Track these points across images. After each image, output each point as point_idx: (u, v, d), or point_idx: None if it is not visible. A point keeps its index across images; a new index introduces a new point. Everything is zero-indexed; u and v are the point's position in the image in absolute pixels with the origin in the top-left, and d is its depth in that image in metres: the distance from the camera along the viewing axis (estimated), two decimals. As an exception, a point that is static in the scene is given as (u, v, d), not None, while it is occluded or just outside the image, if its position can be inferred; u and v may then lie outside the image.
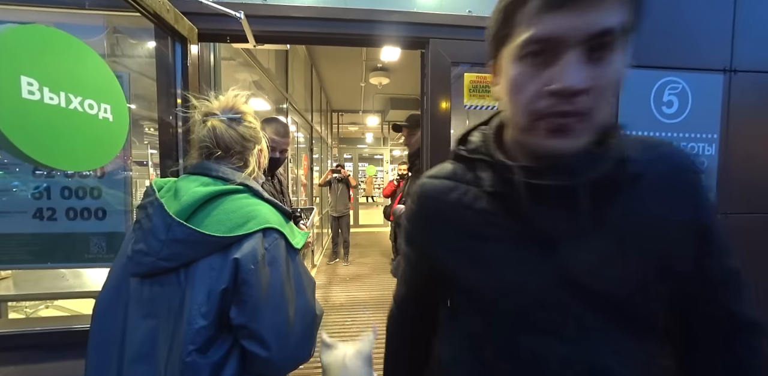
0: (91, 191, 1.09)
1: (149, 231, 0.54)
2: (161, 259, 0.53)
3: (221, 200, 0.58)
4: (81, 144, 0.70)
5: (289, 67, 2.57)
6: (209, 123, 0.63)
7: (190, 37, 0.95)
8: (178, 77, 0.95)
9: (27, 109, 0.59)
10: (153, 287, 0.55)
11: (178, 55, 0.94)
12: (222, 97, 0.67)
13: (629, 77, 1.01)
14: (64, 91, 0.65)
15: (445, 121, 1.09)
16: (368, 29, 1.05)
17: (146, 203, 0.57)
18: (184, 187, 0.58)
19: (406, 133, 1.55)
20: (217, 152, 0.63)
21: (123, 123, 0.79)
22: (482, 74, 1.09)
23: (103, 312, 0.58)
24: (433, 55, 1.06)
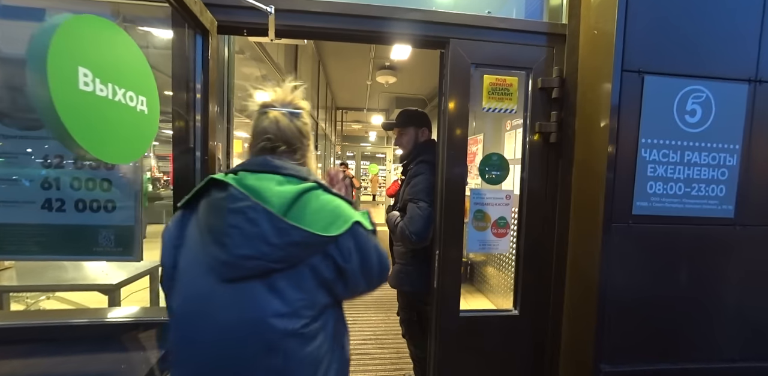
0: (101, 183, 1.07)
1: (256, 236, 0.54)
2: (272, 261, 0.55)
3: (303, 200, 0.58)
4: (123, 136, 0.68)
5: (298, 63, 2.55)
6: (271, 115, 0.63)
7: (212, 29, 0.94)
8: (198, 71, 0.93)
9: (83, 100, 0.57)
10: (248, 289, 0.55)
11: (199, 47, 0.92)
12: (279, 89, 0.66)
13: (654, 84, 0.97)
14: (111, 83, 0.64)
15: (462, 122, 1.07)
16: (389, 27, 1.04)
17: (242, 207, 0.55)
18: (262, 187, 0.57)
19: (397, 133, 1.40)
20: (280, 146, 0.64)
21: (155, 116, 0.78)
22: (502, 76, 1.07)
23: (191, 319, 0.57)
24: (453, 55, 1.04)
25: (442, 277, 1.12)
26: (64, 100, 0.55)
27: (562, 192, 1.12)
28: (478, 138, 3.49)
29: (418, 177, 1.23)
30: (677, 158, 1.02)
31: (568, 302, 1.12)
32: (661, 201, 1.03)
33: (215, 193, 0.58)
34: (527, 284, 1.17)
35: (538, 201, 1.14)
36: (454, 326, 1.12)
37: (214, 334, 0.55)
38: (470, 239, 1.14)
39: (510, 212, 1.16)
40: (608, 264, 0.98)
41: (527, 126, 1.12)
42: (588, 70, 1.03)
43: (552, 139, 1.10)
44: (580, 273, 1.07)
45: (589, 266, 1.02)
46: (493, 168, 1.14)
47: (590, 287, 1.01)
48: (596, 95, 1.00)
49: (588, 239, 1.03)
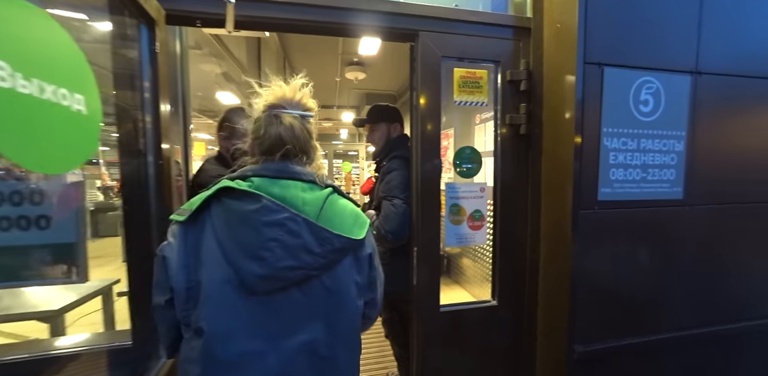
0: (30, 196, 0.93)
1: (299, 247, 0.55)
2: (313, 269, 0.56)
3: (326, 204, 0.60)
4: (56, 141, 0.58)
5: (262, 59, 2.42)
6: (287, 121, 0.60)
7: (159, 19, 0.84)
8: (144, 66, 0.83)
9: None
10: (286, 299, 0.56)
11: (145, 39, 0.83)
12: (286, 87, 0.63)
13: (613, 76, 1.02)
14: (37, 78, 0.54)
15: (435, 116, 1.07)
16: (357, 19, 1.00)
17: (281, 220, 0.54)
18: (292, 196, 0.58)
19: (368, 129, 1.37)
20: (300, 156, 0.62)
21: (97, 117, 0.68)
22: (472, 69, 1.08)
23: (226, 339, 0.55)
24: (423, 48, 1.02)
25: (420, 274, 1.11)
26: None
27: (533, 182, 1.15)
28: (449, 132, 3.55)
29: (392, 173, 1.21)
30: (634, 146, 1.09)
31: (543, 289, 1.16)
32: (622, 187, 1.09)
33: (235, 204, 0.55)
34: (504, 275, 1.19)
35: (511, 192, 1.16)
36: (435, 322, 1.12)
37: (260, 346, 0.55)
38: (447, 233, 1.15)
39: (485, 204, 1.18)
40: (578, 250, 1.03)
41: (498, 118, 1.13)
42: (553, 62, 1.06)
43: (522, 131, 1.12)
44: (553, 260, 1.11)
45: (561, 253, 1.07)
46: (466, 161, 1.15)
47: (563, 273, 1.06)
48: (561, 87, 1.03)
49: (559, 227, 1.08)
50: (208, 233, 0.56)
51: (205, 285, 0.54)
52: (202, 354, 0.54)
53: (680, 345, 1.17)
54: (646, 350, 1.14)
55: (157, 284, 0.57)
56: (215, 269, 0.54)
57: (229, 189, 0.55)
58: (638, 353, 1.14)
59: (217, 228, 0.56)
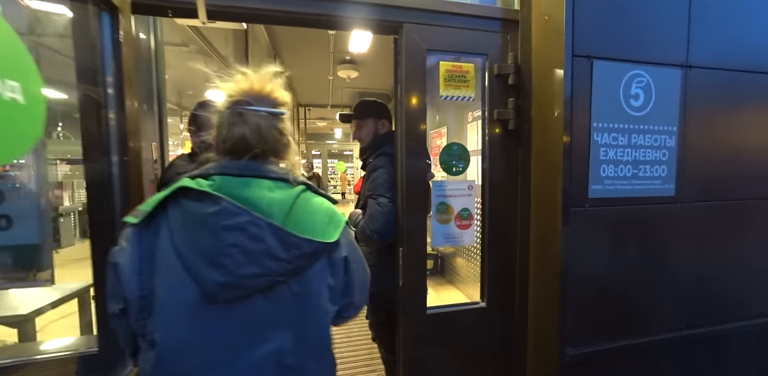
0: (-9, 192, 0.88)
1: (262, 253, 0.50)
2: (280, 276, 0.52)
3: (297, 204, 0.55)
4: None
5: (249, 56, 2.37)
6: (252, 121, 0.54)
7: (123, 7, 0.79)
8: (107, 57, 0.78)
9: None
10: (258, 306, 0.52)
11: (106, 28, 0.78)
12: (253, 77, 0.55)
13: (602, 69, 0.99)
14: None
15: (420, 111, 1.03)
16: (337, 9, 0.95)
17: (241, 224, 0.49)
18: (257, 196, 0.52)
19: (355, 125, 1.30)
20: (269, 157, 0.57)
21: (38, 107, 0.62)
22: (459, 63, 1.04)
23: (180, 352, 0.50)
24: (407, 41, 0.99)
25: (407, 275, 1.07)
26: None
27: (522, 180, 1.12)
28: (442, 131, 3.53)
29: (378, 171, 1.17)
30: (625, 141, 1.06)
31: (533, 290, 1.13)
32: (613, 183, 1.06)
33: (193, 206, 0.50)
34: (493, 276, 1.16)
35: (500, 190, 1.13)
36: (422, 325, 1.09)
37: (221, 359, 0.50)
38: (434, 232, 1.11)
39: (473, 202, 1.14)
40: (568, 249, 1.00)
41: (486, 114, 1.10)
42: (541, 55, 1.03)
43: (511, 127, 1.09)
44: (543, 261, 1.08)
45: (551, 253, 1.03)
46: (454, 158, 1.11)
47: (553, 273, 1.02)
48: (550, 81, 1.00)
49: (549, 225, 1.04)
50: (164, 236, 0.51)
51: (160, 294, 0.50)
52: (155, 368, 0.49)
53: (672, 346, 1.14)
54: (638, 352, 1.11)
55: (110, 292, 0.52)
56: (171, 277, 0.50)
57: (187, 189, 0.50)
58: (630, 355, 1.11)
59: (174, 232, 0.51)
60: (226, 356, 0.51)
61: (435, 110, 3.69)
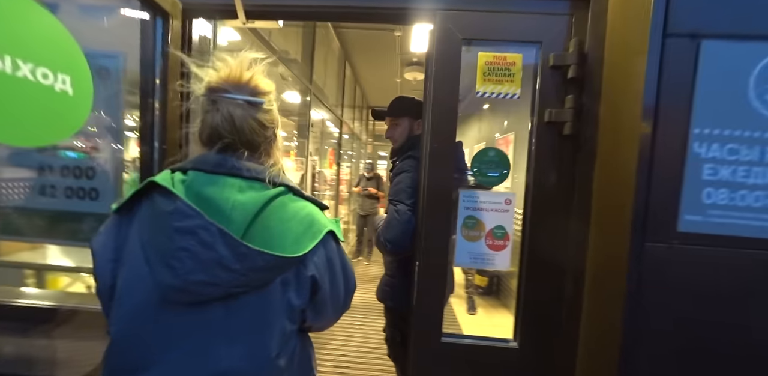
0: (86, 171, 1.09)
1: (212, 261, 0.46)
2: (233, 287, 0.48)
3: (270, 208, 0.51)
4: (31, 117, 0.63)
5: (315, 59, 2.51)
6: (225, 109, 0.51)
7: (173, 12, 0.88)
8: (157, 55, 0.88)
9: None
10: (211, 314, 0.48)
11: (159, 32, 0.88)
12: (231, 63, 0.52)
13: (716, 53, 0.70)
14: (12, 56, 0.58)
15: (451, 110, 0.90)
16: (367, 1, 0.90)
17: (192, 227, 0.46)
18: (221, 198, 0.49)
19: (389, 123, 1.20)
20: (242, 150, 0.53)
21: (85, 97, 0.73)
22: (501, 54, 0.87)
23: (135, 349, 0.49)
24: (440, 30, 0.87)
25: (421, 293, 0.95)
26: None
27: (580, 197, 0.88)
28: (510, 137, 3.17)
29: (401, 175, 1.07)
30: (754, 156, 0.73)
31: (585, 337, 0.88)
32: (726, 215, 0.75)
33: (160, 201, 0.49)
34: (532, 311, 0.94)
35: (547, 208, 0.91)
36: (433, 353, 0.95)
37: (164, 368, 0.48)
38: (459, 249, 0.96)
39: (511, 220, 0.95)
40: (637, 298, 0.73)
41: (535, 114, 0.90)
42: (618, 39, 0.79)
43: (567, 131, 0.87)
44: (601, 305, 0.83)
45: (612, 296, 0.78)
46: (488, 166, 0.94)
47: (612, 326, 0.77)
48: (628, 72, 0.76)
49: (612, 260, 0.79)
50: (135, 228, 0.51)
51: (120, 285, 0.50)
52: (106, 359, 0.50)
53: None
54: None
55: (95, 278, 0.54)
56: (133, 269, 0.49)
57: (156, 184, 0.49)
58: None
59: (143, 225, 0.50)
60: (169, 359, 0.48)
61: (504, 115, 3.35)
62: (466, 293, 3.04)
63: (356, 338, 2.50)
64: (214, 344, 0.48)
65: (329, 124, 4.33)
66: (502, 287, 3.31)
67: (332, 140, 4.58)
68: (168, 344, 0.48)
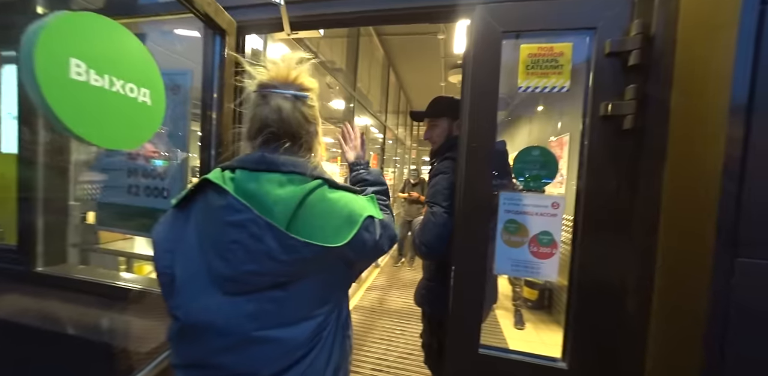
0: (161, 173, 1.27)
1: (261, 252, 0.50)
2: (280, 276, 0.52)
3: (309, 202, 0.54)
4: (121, 124, 0.75)
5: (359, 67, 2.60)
6: (274, 102, 0.56)
7: (229, 30, 0.99)
8: (215, 71, 0.99)
9: (74, 89, 0.62)
10: (264, 302, 0.53)
11: (217, 47, 0.99)
12: (281, 64, 0.58)
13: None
14: (108, 75, 0.70)
15: (491, 107, 0.85)
16: (405, 2, 0.91)
17: (243, 221, 0.50)
18: (263, 192, 0.53)
19: (428, 125, 1.19)
20: (284, 140, 0.57)
21: (159, 108, 0.85)
22: (546, 44, 0.81)
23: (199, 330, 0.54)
24: (478, 25, 0.83)
25: (457, 299, 0.90)
26: (54, 88, 0.60)
27: (645, 201, 0.77)
28: (565, 139, 2.90)
29: (438, 177, 1.03)
30: None
31: (654, 361, 0.75)
32: None
33: (213, 197, 0.53)
34: (584, 329, 0.84)
35: (603, 213, 0.81)
36: (469, 365, 0.89)
37: (224, 344, 0.53)
38: (498, 256, 0.89)
39: (559, 225, 0.86)
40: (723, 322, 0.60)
41: (588, 109, 0.81)
42: (696, 13, 0.68)
43: (627, 125, 0.76)
44: (674, 325, 0.70)
45: (688, 320, 0.65)
46: (532, 166, 0.87)
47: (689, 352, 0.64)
48: (710, 52, 0.64)
49: (688, 276, 0.67)
50: (192, 222, 0.56)
51: (179, 275, 0.55)
52: (179, 336, 0.56)
53: None
54: None
55: (155, 267, 0.60)
56: (190, 259, 0.54)
57: (210, 181, 0.54)
58: None
59: (198, 220, 0.55)
60: (225, 341, 0.52)
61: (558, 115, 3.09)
62: (513, 305, 2.82)
63: (397, 344, 2.47)
64: (267, 325, 0.53)
65: (373, 130, 4.42)
66: (554, 301, 3.00)
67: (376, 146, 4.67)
68: (223, 326, 0.52)
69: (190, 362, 0.56)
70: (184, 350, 0.56)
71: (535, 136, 3.74)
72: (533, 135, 3.81)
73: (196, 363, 0.55)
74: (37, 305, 1.33)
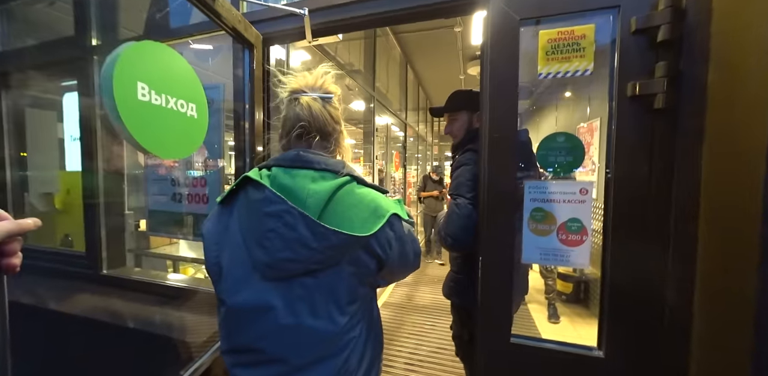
0: (201, 181, 1.39)
1: (295, 240, 0.55)
2: (313, 263, 0.57)
3: (339, 195, 0.59)
4: (175, 137, 0.85)
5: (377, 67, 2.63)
6: (303, 101, 0.63)
7: (256, 43, 1.06)
8: (246, 82, 1.07)
9: (141, 108, 0.73)
10: (295, 287, 0.58)
11: (246, 60, 1.06)
12: (309, 75, 0.66)
13: None
14: (165, 93, 0.80)
15: (511, 97, 0.85)
16: (419, 0, 0.93)
17: (278, 211, 0.56)
18: (297, 186, 0.58)
19: (447, 119, 1.21)
20: (315, 136, 0.64)
21: (204, 120, 0.94)
22: (566, 28, 0.79)
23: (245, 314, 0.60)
24: (494, 14, 0.83)
25: (486, 290, 0.91)
26: (127, 108, 0.70)
27: (681, 181, 0.73)
28: (595, 124, 2.75)
29: (461, 169, 1.04)
30: None
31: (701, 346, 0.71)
32: None
33: (252, 192, 0.60)
34: (621, 316, 0.82)
35: (636, 197, 0.78)
36: (501, 354, 0.89)
37: (261, 328, 0.59)
38: (526, 244, 0.89)
39: (588, 212, 0.84)
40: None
41: (615, 89, 0.79)
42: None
43: (658, 105, 0.73)
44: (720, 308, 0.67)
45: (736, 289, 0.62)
46: (557, 153, 0.85)
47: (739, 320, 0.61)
48: (753, 20, 0.60)
49: (735, 258, 0.63)
50: (234, 216, 0.63)
51: (225, 265, 0.62)
52: (225, 320, 0.63)
53: None
54: None
55: (205, 258, 0.67)
56: (234, 251, 0.61)
57: (249, 178, 0.61)
58: None
59: (240, 213, 0.62)
60: (266, 323, 0.58)
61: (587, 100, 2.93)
62: (546, 299, 2.73)
63: (428, 338, 2.49)
64: (300, 311, 0.58)
65: (394, 128, 4.45)
66: (590, 294, 2.86)
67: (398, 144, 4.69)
68: (265, 311, 0.58)
69: (234, 346, 0.62)
70: (230, 334, 0.62)
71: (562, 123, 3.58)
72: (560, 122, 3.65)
73: (239, 348, 0.61)
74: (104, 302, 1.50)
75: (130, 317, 1.44)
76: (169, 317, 1.43)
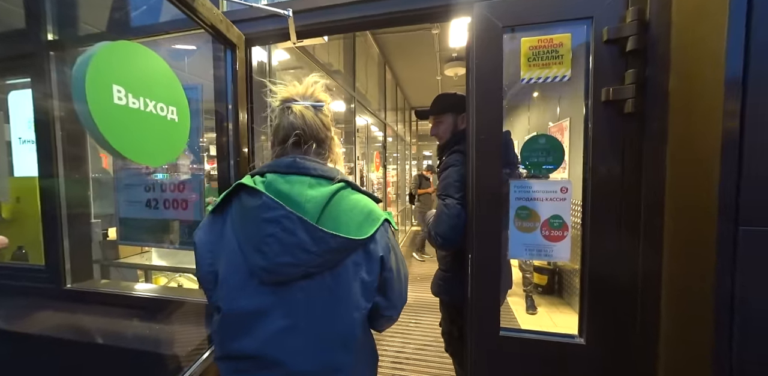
0: (178, 186, 1.32)
1: (294, 245, 0.56)
2: (311, 267, 0.57)
3: (334, 200, 0.60)
4: (155, 142, 0.80)
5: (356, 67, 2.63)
6: (296, 109, 0.64)
7: (239, 43, 1.03)
8: (228, 82, 1.03)
9: (117, 112, 0.69)
10: (295, 291, 0.58)
11: (229, 61, 1.03)
12: (299, 84, 0.67)
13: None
14: (143, 97, 0.75)
15: (496, 101, 0.89)
16: (404, 4, 0.94)
17: (277, 217, 0.56)
18: (295, 192, 0.58)
19: (433, 122, 1.24)
20: (311, 142, 0.65)
21: (185, 123, 0.89)
22: (545, 36, 0.84)
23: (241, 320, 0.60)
24: (478, 22, 0.87)
25: (476, 286, 0.94)
26: (101, 113, 0.66)
27: (648, 181, 0.81)
28: (564, 124, 2.92)
29: (448, 170, 1.08)
30: None
31: (667, 331, 0.79)
32: None
33: (247, 199, 0.59)
34: (598, 305, 0.88)
35: (610, 195, 0.85)
36: (491, 348, 0.93)
37: (260, 332, 0.58)
38: (512, 241, 0.93)
39: (568, 209, 0.90)
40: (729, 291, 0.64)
41: (590, 95, 0.85)
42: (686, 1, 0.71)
43: (628, 109, 0.80)
44: (682, 296, 0.74)
45: (697, 288, 0.70)
46: (539, 154, 0.90)
47: (700, 316, 0.69)
48: (704, 32, 0.67)
49: (694, 248, 0.71)
50: (228, 224, 0.62)
51: (222, 271, 0.60)
52: (221, 327, 0.61)
53: None
54: None
55: (197, 267, 0.66)
56: (230, 257, 0.60)
57: (244, 185, 0.60)
58: None
59: (235, 220, 0.61)
60: (264, 329, 0.58)
61: (557, 101, 3.11)
62: (524, 291, 2.87)
63: (413, 336, 2.53)
64: (298, 315, 0.58)
65: (374, 128, 4.46)
66: (564, 285, 3.05)
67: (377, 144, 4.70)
68: (263, 316, 0.58)
69: (231, 352, 0.61)
70: (227, 340, 0.61)
71: (534, 123, 3.77)
72: (532, 122, 3.84)
73: (237, 354, 0.60)
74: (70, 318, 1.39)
75: (99, 333, 1.35)
76: (144, 329, 1.35)
